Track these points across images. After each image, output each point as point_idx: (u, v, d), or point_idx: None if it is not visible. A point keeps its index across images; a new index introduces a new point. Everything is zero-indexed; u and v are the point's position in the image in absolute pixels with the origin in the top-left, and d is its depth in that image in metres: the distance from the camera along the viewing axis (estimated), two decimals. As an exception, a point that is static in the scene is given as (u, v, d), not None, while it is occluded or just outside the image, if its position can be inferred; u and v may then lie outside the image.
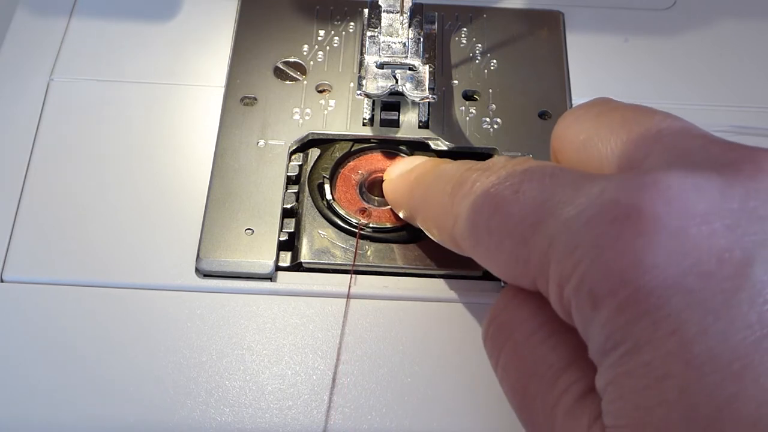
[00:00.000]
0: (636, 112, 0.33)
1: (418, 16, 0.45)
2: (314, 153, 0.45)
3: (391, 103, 0.46)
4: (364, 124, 0.46)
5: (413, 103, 0.46)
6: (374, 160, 0.45)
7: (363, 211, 0.43)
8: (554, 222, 0.29)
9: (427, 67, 0.45)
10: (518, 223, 0.30)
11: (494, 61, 0.49)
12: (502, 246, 0.31)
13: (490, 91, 0.47)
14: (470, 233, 0.33)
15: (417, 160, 0.41)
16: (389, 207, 0.42)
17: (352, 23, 0.50)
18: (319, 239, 0.42)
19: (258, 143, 0.45)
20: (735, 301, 0.26)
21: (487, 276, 0.41)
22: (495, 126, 0.46)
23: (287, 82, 0.47)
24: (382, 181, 0.43)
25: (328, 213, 0.43)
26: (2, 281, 0.40)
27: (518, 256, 0.30)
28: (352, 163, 0.45)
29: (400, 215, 0.41)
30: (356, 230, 0.42)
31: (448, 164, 0.37)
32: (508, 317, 0.32)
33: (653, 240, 0.26)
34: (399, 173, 0.41)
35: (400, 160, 0.42)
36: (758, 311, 0.26)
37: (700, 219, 0.27)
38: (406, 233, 0.42)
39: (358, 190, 0.44)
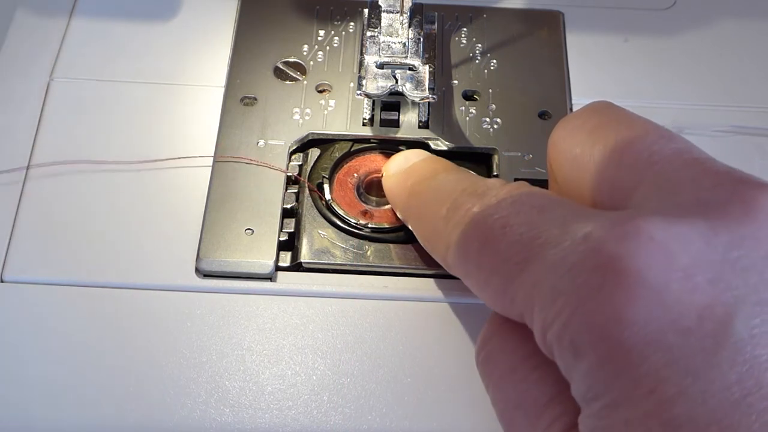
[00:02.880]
0: (631, 129, 0.32)
1: (418, 16, 0.45)
2: (314, 153, 0.45)
3: (391, 103, 0.46)
4: (364, 124, 0.46)
5: (413, 103, 0.46)
6: (369, 161, 0.45)
7: (365, 213, 0.43)
8: (539, 265, 0.29)
9: (427, 67, 0.45)
10: (505, 261, 0.30)
11: (494, 61, 0.49)
12: (489, 281, 0.31)
13: (490, 91, 0.47)
14: (460, 264, 0.33)
15: (414, 157, 0.41)
16: (389, 207, 0.43)
17: (352, 23, 0.50)
18: (319, 239, 0.42)
19: (258, 143, 0.45)
20: (715, 361, 0.25)
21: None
22: (495, 126, 0.46)
23: (287, 82, 0.47)
24: (379, 181, 0.43)
25: (328, 213, 0.43)
26: (2, 281, 0.40)
27: (504, 293, 0.30)
28: (346, 167, 0.45)
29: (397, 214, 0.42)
30: (356, 230, 0.42)
31: (445, 175, 0.37)
32: (494, 347, 0.32)
33: (634, 294, 0.26)
34: (396, 171, 0.41)
35: (398, 155, 0.42)
36: (738, 371, 0.25)
37: (682, 273, 0.26)
38: (404, 233, 0.42)
39: (355, 192, 0.44)
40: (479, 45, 0.49)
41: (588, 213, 0.30)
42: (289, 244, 0.42)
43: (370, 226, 0.42)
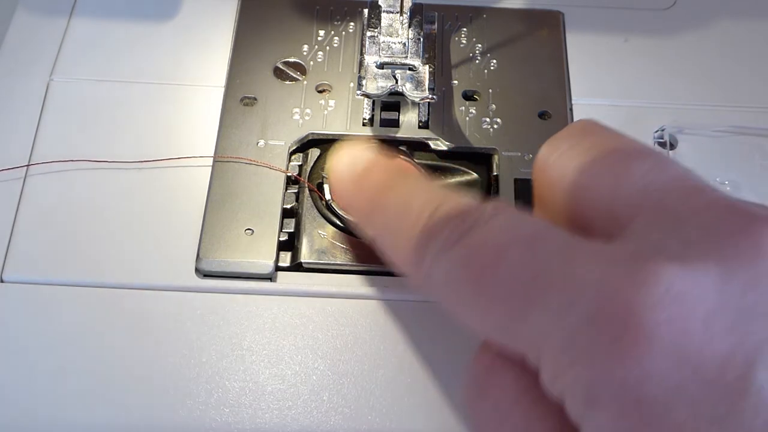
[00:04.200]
0: (623, 156, 0.31)
1: (418, 16, 0.45)
2: (314, 153, 0.45)
3: (391, 103, 0.46)
4: (364, 124, 0.46)
5: (413, 103, 0.46)
6: None
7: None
8: (544, 311, 0.27)
9: (427, 67, 0.45)
10: (503, 302, 0.28)
11: (494, 61, 0.49)
12: (486, 320, 0.29)
13: (490, 91, 0.47)
14: (446, 300, 0.31)
15: (362, 156, 0.37)
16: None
17: (352, 23, 0.50)
18: (319, 239, 0.42)
19: (258, 143, 0.45)
20: (739, 409, 0.25)
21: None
22: (495, 126, 0.46)
23: (287, 82, 0.47)
24: None
25: (328, 213, 0.43)
26: (2, 281, 0.40)
27: (504, 332, 0.29)
28: None
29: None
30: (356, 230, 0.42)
31: (408, 186, 0.34)
32: (489, 382, 0.30)
33: (654, 348, 0.25)
34: (346, 174, 0.37)
35: (342, 152, 0.38)
36: (763, 418, 0.25)
37: (700, 323, 0.26)
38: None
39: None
40: (479, 45, 0.49)
41: (587, 249, 0.28)
42: (289, 244, 0.42)
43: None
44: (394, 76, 0.44)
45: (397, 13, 0.44)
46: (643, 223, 0.29)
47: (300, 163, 0.44)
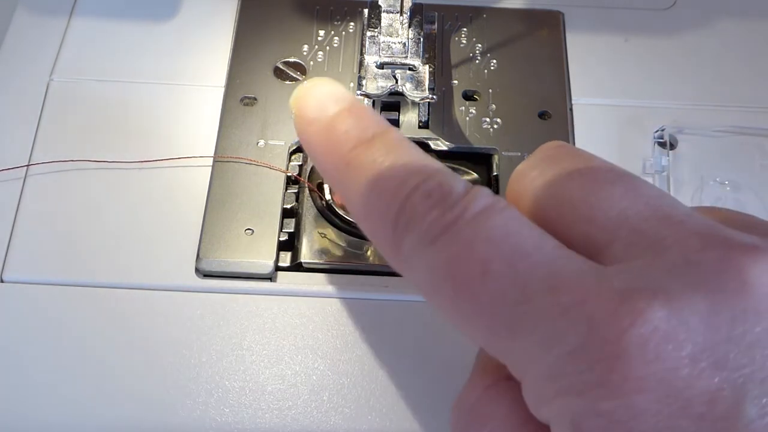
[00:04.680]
0: (594, 181, 0.30)
1: (418, 16, 0.45)
2: (314, 153, 0.45)
3: (391, 103, 0.46)
4: (364, 124, 0.46)
5: (413, 103, 0.46)
6: None
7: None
8: (532, 338, 0.27)
9: (427, 67, 0.45)
10: (490, 317, 0.28)
11: (494, 61, 0.49)
12: (475, 330, 0.29)
13: (490, 91, 0.47)
14: (426, 294, 0.30)
15: (337, 93, 0.34)
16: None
17: (352, 23, 0.50)
18: (319, 239, 0.42)
19: (258, 143, 0.45)
20: None
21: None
22: (495, 126, 0.46)
23: (287, 82, 0.47)
24: None
25: (328, 213, 0.43)
26: (2, 281, 0.40)
27: (490, 345, 0.29)
28: None
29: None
30: (356, 230, 0.42)
31: (392, 148, 0.31)
32: (483, 410, 0.30)
33: (642, 385, 0.26)
34: (316, 115, 0.33)
35: (307, 90, 0.34)
36: None
37: (688, 360, 0.26)
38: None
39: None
40: (479, 45, 0.49)
41: (574, 275, 0.28)
42: (289, 244, 0.42)
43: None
44: (394, 76, 0.44)
45: (397, 13, 0.44)
46: (622, 249, 0.29)
47: (300, 163, 0.44)
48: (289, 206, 0.43)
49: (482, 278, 0.28)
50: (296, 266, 0.41)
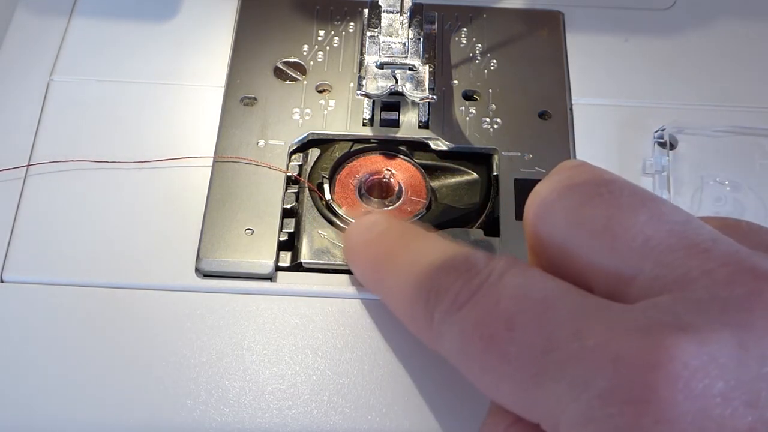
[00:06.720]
0: (617, 206, 0.30)
1: (418, 16, 0.45)
2: (314, 153, 0.45)
3: (391, 103, 0.46)
4: (364, 124, 0.46)
5: (413, 103, 0.46)
6: (370, 162, 0.45)
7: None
8: (562, 385, 0.27)
9: (427, 67, 0.45)
10: (517, 370, 0.28)
11: (494, 61, 0.49)
12: (500, 387, 0.29)
13: (490, 91, 0.47)
14: (458, 363, 0.31)
15: (380, 224, 0.37)
16: (393, 207, 0.43)
17: (352, 23, 0.50)
18: (319, 239, 0.42)
19: (258, 143, 0.45)
20: None
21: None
22: (495, 126, 0.46)
23: (287, 82, 0.47)
24: (380, 182, 0.43)
25: (328, 213, 0.43)
26: (2, 281, 0.40)
27: (517, 400, 0.29)
28: (347, 168, 0.45)
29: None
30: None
31: (419, 243, 0.34)
32: None
33: (675, 426, 0.25)
34: (360, 241, 0.38)
35: (360, 220, 0.39)
36: None
37: (720, 399, 0.25)
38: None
39: (357, 193, 0.44)
40: (479, 45, 0.49)
41: (599, 316, 0.28)
42: (289, 244, 0.42)
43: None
44: (394, 76, 0.44)
45: (397, 13, 0.44)
46: (647, 283, 0.28)
47: (300, 163, 0.44)
48: (289, 206, 0.43)
49: (508, 332, 0.28)
50: (296, 266, 0.41)
